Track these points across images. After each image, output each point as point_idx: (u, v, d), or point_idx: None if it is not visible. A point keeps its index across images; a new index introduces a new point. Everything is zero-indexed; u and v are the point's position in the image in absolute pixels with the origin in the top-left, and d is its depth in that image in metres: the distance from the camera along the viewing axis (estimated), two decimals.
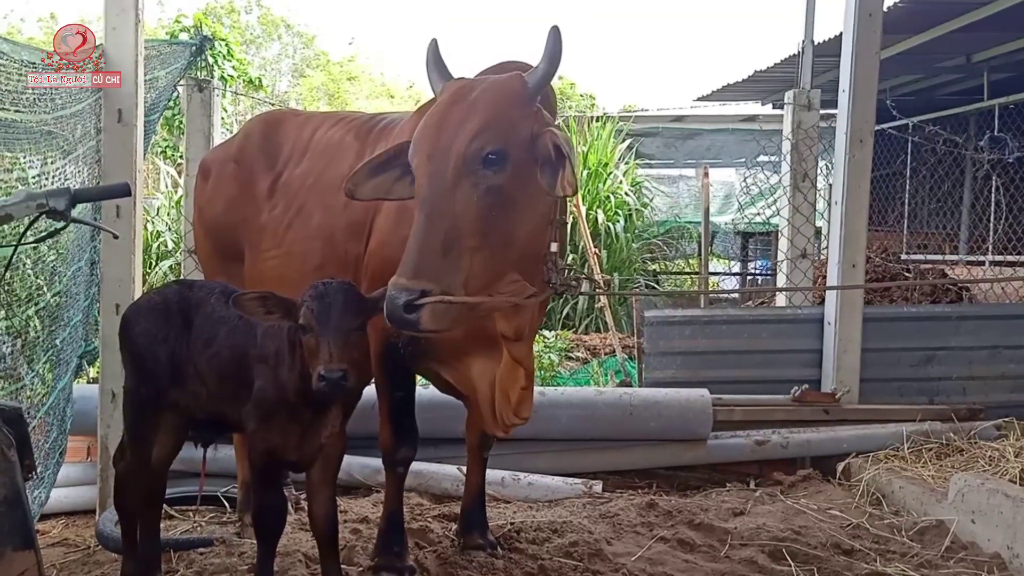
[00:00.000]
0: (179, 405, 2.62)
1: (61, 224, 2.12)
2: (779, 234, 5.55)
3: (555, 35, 2.26)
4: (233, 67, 9.76)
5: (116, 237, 2.70)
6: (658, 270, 10.22)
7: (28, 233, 2.15)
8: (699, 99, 10.62)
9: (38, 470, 3.10)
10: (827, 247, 5.11)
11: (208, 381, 2.52)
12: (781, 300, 5.39)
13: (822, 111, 5.45)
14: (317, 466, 2.51)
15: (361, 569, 2.88)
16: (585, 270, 5.70)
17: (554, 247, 2.46)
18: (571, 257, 2.56)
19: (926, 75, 9.62)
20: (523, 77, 2.29)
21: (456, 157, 2.17)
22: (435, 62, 2.44)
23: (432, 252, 2.12)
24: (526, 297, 2.38)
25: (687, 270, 11.00)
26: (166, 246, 7.83)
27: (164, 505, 3.56)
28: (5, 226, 2.21)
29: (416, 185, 2.21)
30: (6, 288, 2.84)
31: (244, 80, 10.12)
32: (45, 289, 3.27)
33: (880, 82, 4.71)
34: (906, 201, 8.96)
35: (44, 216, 2.10)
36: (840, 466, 4.28)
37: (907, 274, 6.95)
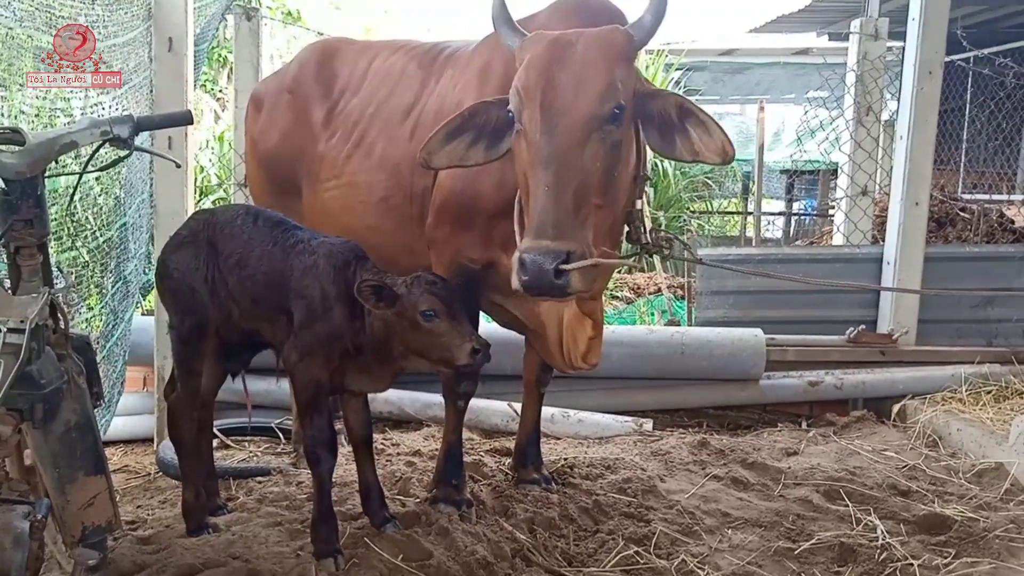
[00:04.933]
0: (218, 331, 2.65)
1: (124, 152, 2.09)
2: (839, 170, 5.36)
3: None
4: None
5: (179, 166, 2.68)
6: (703, 209, 10.02)
7: (92, 162, 2.13)
8: (751, 31, 10.20)
9: (104, 398, 3.16)
10: (888, 185, 4.93)
11: (240, 301, 2.55)
12: (838, 238, 5.24)
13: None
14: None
15: (418, 500, 2.91)
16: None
17: (639, 204, 2.40)
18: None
19: (991, 6, 9.14)
20: (628, 32, 2.24)
21: (585, 114, 2.14)
22: (503, 17, 2.37)
23: (567, 211, 2.09)
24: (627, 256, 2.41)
25: (731, 210, 10.78)
26: (210, 180, 7.83)
27: (220, 434, 3.66)
28: (68, 155, 2.18)
29: (531, 143, 2.15)
30: (71, 220, 2.85)
31: (282, 12, 9.95)
32: (113, 219, 3.29)
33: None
34: (964, 138, 8.61)
35: (107, 144, 2.06)
36: (895, 408, 4.22)
37: (963, 213, 6.71)
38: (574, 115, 2.13)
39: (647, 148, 2.46)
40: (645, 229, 2.51)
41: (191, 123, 2.27)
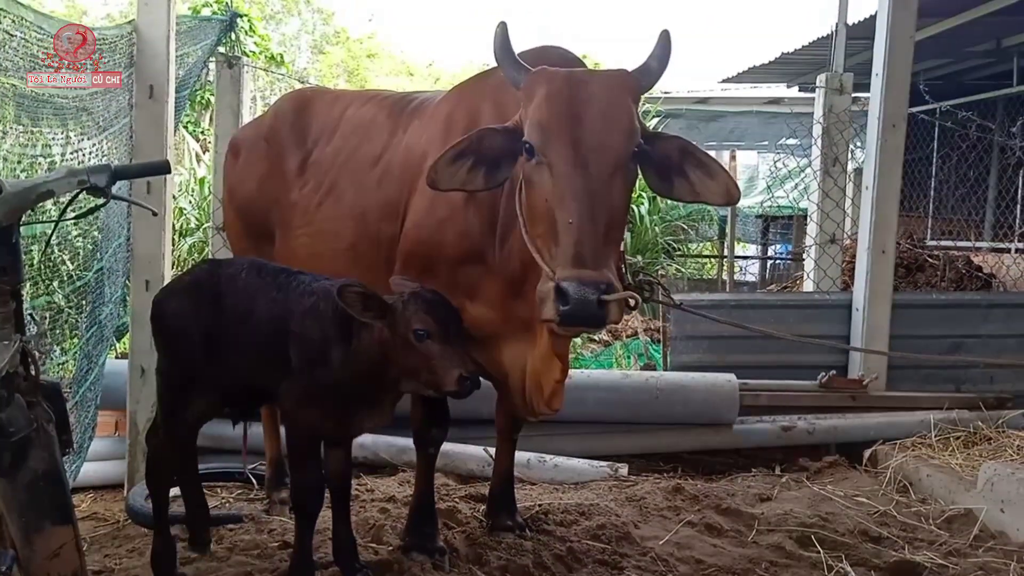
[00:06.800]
0: (216, 381, 2.64)
1: (101, 200, 2.11)
2: (808, 218, 5.49)
3: (665, 39, 2.35)
4: (255, 43, 9.71)
5: (156, 214, 2.70)
6: (681, 252, 10.15)
7: (69, 209, 2.15)
8: (724, 81, 10.48)
9: (75, 444, 3.13)
10: (856, 232, 5.05)
11: (247, 353, 2.54)
12: (808, 284, 5.34)
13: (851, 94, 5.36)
14: None
15: (391, 548, 2.89)
16: None
17: (621, 245, 2.46)
18: None
19: (955, 59, 9.46)
20: (636, 75, 2.33)
21: (617, 150, 2.20)
22: (505, 51, 2.38)
23: (601, 243, 2.13)
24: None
25: (707, 253, 10.93)
26: (189, 223, 7.83)
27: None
28: (45, 203, 2.20)
29: (560, 176, 2.17)
30: (47, 264, 2.85)
31: (266, 56, 10.08)
32: (91, 263, 3.29)
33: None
34: (932, 186, 8.84)
35: (84, 192, 2.09)
36: (866, 453, 4.26)
37: (931, 260, 6.87)
38: (607, 150, 2.19)
39: None
40: (626, 269, 2.56)
41: (168, 172, 2.30)
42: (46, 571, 1.94)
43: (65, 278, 3.18)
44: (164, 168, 2.26)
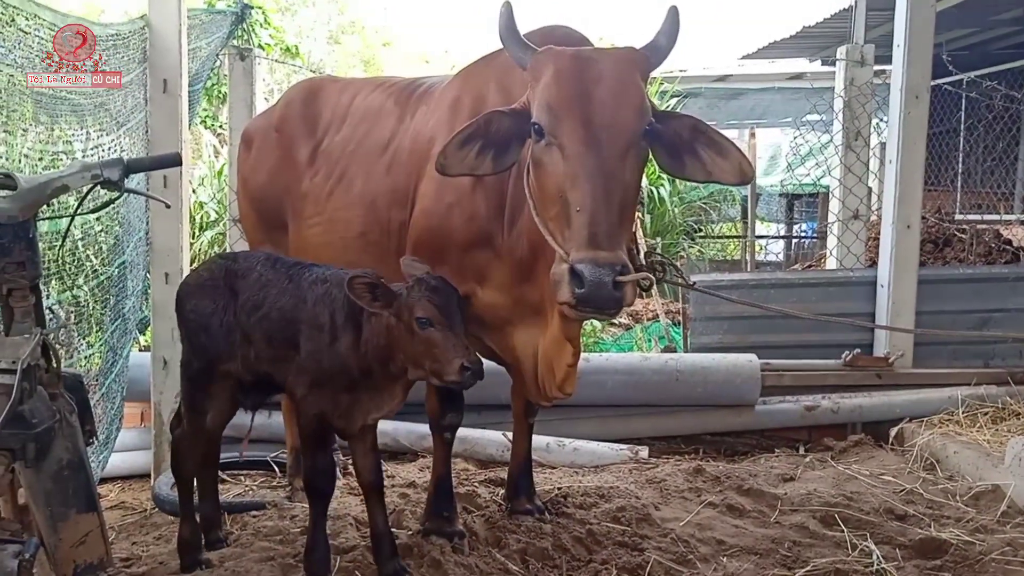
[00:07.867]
0: (231, 372, 2.67)
1: (115, 194, 2.13)
2: (830, 195, 5.41)
3: (673, 15, 2.32)
4: (270, 35, 9.74)
5: (169, 207, 2.73)
6: (703, 234, 10.06)
7: (83, 203, 2.18)
8: (744, 57, 10.33)
9: (102, 435, 3.19)
10: (880, 207, 4.97)
11: (256, 342, 2.56)
12: (832, 262, 5.27)
13: (874, 67, 5.26)
14: None
15: (411, 532, 2.91)
16: None
17: (634, 225, 2.45)
18: None
19: (980, 28, 9.24)
20: (645, 53, 2.30)
21: (629, 129, 2.18)
22: (510, 29, 2.34)
23: (615, 224, 2.10)
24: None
25: (729, 234, 10.82)
26: (209, 216, 7.92)
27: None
28: (61, 197, 2.23)
29: (571, 156, 2.14)
30: (71, 259, 2.89)
31: (281, 48, 10.10)
32: (113, 257, 3.33)
33: (935, 36, 4.53)
34: (960, 159, 8.66)
35: (99, 186, 2.11)
36: (893, 431, 4.22)
37: (959, 234, 6.73)
38: (618, 129, 2.16)
39: None
40: (639, 251, 2.54)
41: (180, 165, 2.32)
42: (72, 558, 1.98)
43: (89, 272, 3.23)
44: (176, 160, 2.28)
